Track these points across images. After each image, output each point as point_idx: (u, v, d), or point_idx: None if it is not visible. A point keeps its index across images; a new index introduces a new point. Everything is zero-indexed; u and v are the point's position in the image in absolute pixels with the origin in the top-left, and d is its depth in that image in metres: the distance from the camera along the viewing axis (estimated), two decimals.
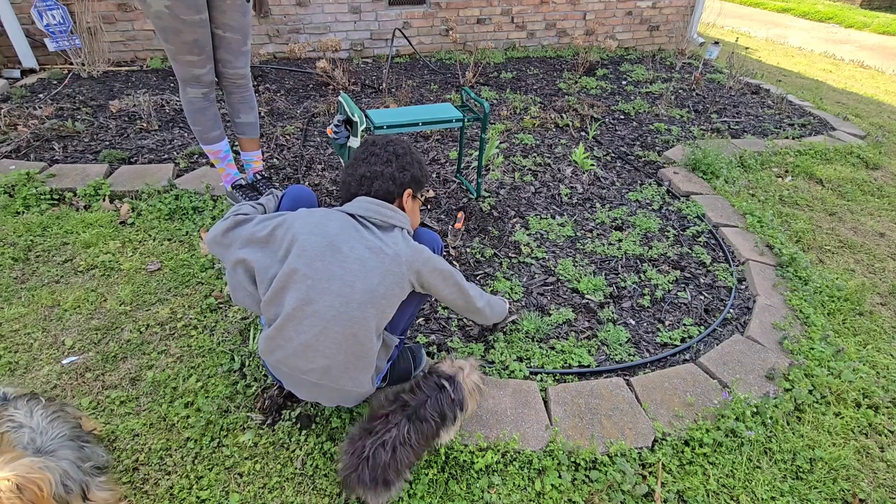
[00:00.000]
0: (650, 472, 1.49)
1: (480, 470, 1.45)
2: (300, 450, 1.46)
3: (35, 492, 0.93)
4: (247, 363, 1.70)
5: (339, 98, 2.28)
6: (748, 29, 8.70)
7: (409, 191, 1.44)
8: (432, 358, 1.78)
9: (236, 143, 2.70)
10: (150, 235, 2.28)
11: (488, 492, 1.40)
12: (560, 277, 2.24)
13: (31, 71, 3.94)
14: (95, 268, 2.07)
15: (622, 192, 2.95)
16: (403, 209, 1.44)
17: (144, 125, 3.18)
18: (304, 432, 1.50)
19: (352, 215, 1.34)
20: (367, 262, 1.26)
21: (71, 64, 3.96)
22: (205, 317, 1.89)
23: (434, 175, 2.97)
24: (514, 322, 1.94)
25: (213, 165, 2.73)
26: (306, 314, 1.23)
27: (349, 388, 1.34)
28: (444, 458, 1.45)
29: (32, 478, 0.93)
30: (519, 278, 2.22)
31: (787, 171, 3.34)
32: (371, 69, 4.56)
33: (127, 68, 4.11)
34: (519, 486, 1.43)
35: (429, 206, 2.68)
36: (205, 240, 1.56)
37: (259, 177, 2.46)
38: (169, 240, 2.27)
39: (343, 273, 1.24)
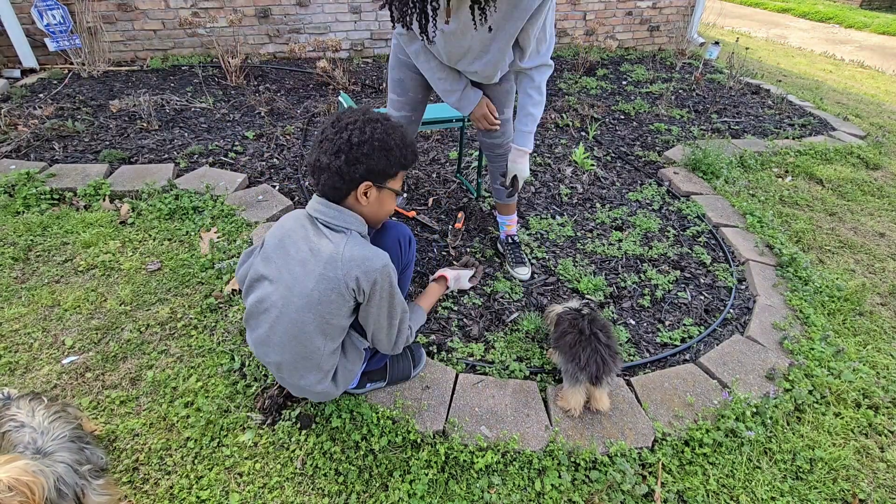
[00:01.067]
0: (650, 473, 1.49)
1: (480, 470, 1.45)
2: (300, 450, 1.46)
3: (27, 494, 0.93)
4: (247, 363, 1.70)
5: (339, 98, 2.28)
6: (748, 29, 8.70)
7: (365, 184, 1.25)
8: (432, 358, 1.78)
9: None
10: (150, 235, 2.28)
11: (488, 492, 1.40)
12: (560, 277, 2.24)
13: (32, 71, 3.94)
14: (95, 267, 2.07)
15: (622, 192, 2.95)
16: (360, 202, 1.28)
17: (144, 125, 3.18)
18: (304, 432, 1.50)
19: (309, 214, 1.30)
20: (307, 263, 1.23)
21: (71, 64, 3.96)
22: (205, 317, 1.89)
23: (434, 175, 2.97)
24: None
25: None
26: (259, 311, 1.32)
27: (303, 386, 1.36)
28: (444, 457, 1.45)
29: (25, 480, 0.93)
30: (513, 278, 2.22)
31: (787, 172, 3.34)
32: (371, 69, 4.56)
33: (127, 68, 4.11)
34: (519, 486, 1.43)
35: (429, 206, 2.68)
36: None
37: (511, 240, 2.30)
38: (169, 240, 2.27)
39: (286, 276, 1.26)
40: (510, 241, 2.29)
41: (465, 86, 1.85)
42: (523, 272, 2.20)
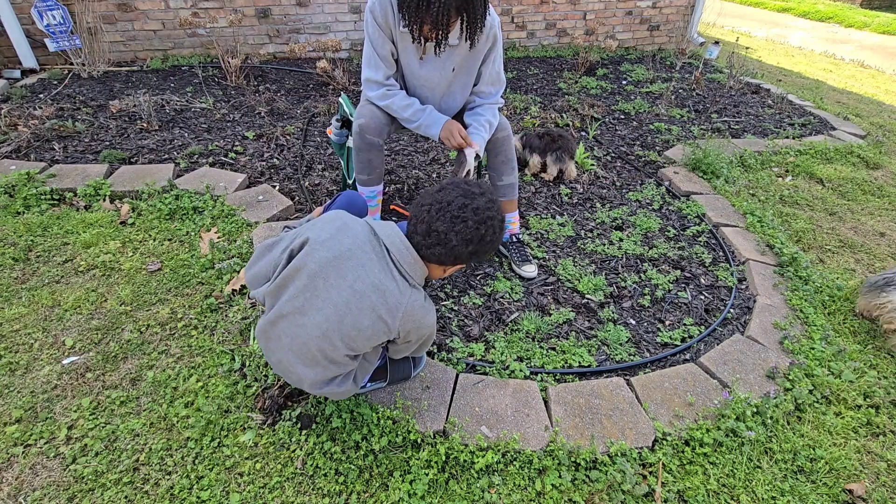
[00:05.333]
0: (650, 472, 1.49)
1: (481, 470, 1.45)
2: (300, 450, 1.46)
3: None
4: (247, 363, 1.70)
5: (340, 99, 2.28)
6: (748, 29, 8.70)
7: (462, 266, 1.32)
8: (432, 358, 1.78)
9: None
10: (150, 235, 2.28)
11: (488, 491, 1.40)
12: (560, 277, 2.24)
13: (32, 71, 3.94)
14: (96, 268, 2.07)
15: (622, 192, 2.95)
16: (444, 271, 1.33)
17: (144, 125, 3.18)
18: (304, 432, 1.50)
19: (375, 234, 1.25)
20: (365, 299, 1.19)
21: (71, 64, 3.96)
22: (205, 317, 1.89)
23: (434, 175, 2.97)
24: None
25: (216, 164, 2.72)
26: (296, 323, 1.25)
27: (324, 390, 1.35)
28: (444, 457, 1.45)
29: None
30: (519, 278, 2.22)
31: (787, 171, 3.34)
32: None
33: (127, 68, 4.11)
34: (519, 485, 1.43)
35: None
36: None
37: (514, 239, 2.31)
38: (169, 240, 2.27)
39: (339, 300, 1.19)
40: (514, 239, 2.29)
41: (429, 110, 2.00)
42: (530, 270, 2.20)
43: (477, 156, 1.96)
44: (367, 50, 1.93)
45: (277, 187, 2.70)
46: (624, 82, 4.69)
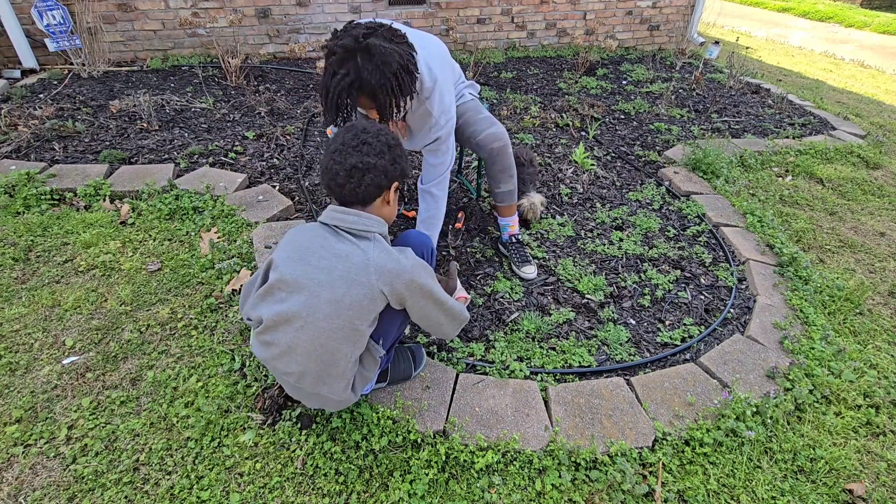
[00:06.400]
0: (650, 472, 1.49)
1: (481, 470, 1.45)
2: (300, 450, 1.47)
3: None
4: (247, 363, 1.70)
5: None
6: (748, 28, 8.70)
7: (396, 184, 1.35)
8: (432, 358, 1.78)
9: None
10: (150, 235, 2.28)
11: (488, 491, 1.40)
12: (560, 277, 2.24)
13: (32, 71, 3.94)
14: (96, 268, 2.07)
15: (622, 192, 2.95)
16: (388, 202, 1.36)
17: (144, 125, 3.18)
18: (304, 432, 1.50)
19: (324, 224, 1.31)
20: (334, 270, 1.22)
21: (71, 64, 3.96)
22: (205, 317, 1.89)
23: None
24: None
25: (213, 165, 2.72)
26: (280, 321, 1.27)
27: (325, 395, 1.34)
28: (444, 457, 1.45)
29: None
30: (519, 278, 2.22)
31: (787, 171, 3.34)
32: None
33: (127, 68, 4.11)
34: (519, 485, 1.43)
35: None
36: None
37: (514, 240, 2.31)
38: (169, 240, 2.27)
39: (309, 283, 1.23)
40: (514, 240, 2.29)
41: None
42: (530, 271, 2.20)
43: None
44: None
45: (277, 187, 2.70)
46: (624, 82, 4.69)
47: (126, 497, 1.33)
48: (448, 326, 1.43)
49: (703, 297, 2.22)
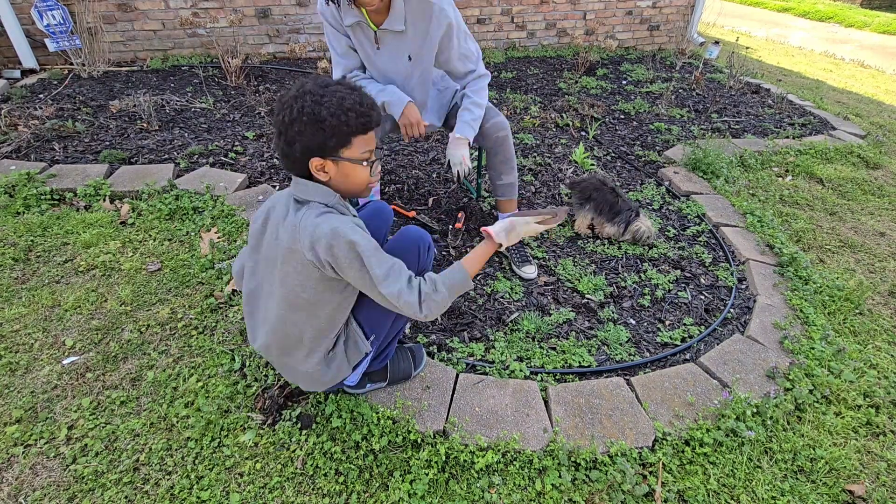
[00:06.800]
0: (650, 472, 1.49)
1: (481, 470, 1.45)
2: (300, 450, 1.47)
3: None
4: (247, 363, 1.70)
5: None
6: (748, 28, 8.70)
7: (315, 160, 1.19)
8: (432, 358, 1.78)
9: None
10: (150, 235, 2.28)
11: (489, 491, 1.40)
12: (560, 277, 2.24)
13: (32, 71, 3.94)
14: (96, 268, 2.07)
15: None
16: (320, 177, 1.23)
17: (144, 125, 3.18)
18: (304, 432, 1.50)
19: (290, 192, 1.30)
20: (281, 242, 1.24)
21: (71, 64, 3.96)
22: (205, 317, 1.89)
23: (434, 175, 2.97)
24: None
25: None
26: (253, 296, 1.38)
27: (289, 364, 1.38)
28: (444, 457, 1.45)
29: None
30: (519, 278, 2.22)
31: (787, 171, 3.34)
32: None
33: (127, 68, 4.11)
34: (519, 485, 1.43)
35: (429, 206, 2.68)
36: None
37: None
38: (169, 240, 2.27)
39: (266, 255, 1.32)
40: None
41: (391, 89, 1.96)
42: (530, 271, 2.20)
43: (470, 150, 1.95)
44: (331, 52, 1.98)
45: (277, 187, 2.70)
46: (624, 82, 4.69)
47: (126, 497, 1.33)
48: (389, 303, 1.22)
49: (703, 297, 2.22)
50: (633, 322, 2.05)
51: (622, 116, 3.97)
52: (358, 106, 1.17)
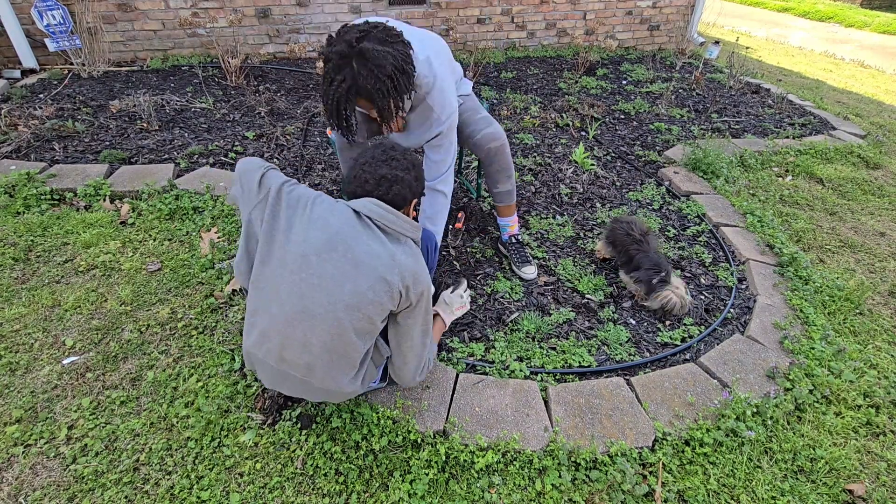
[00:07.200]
0: (650, 472, 1.49)
1: (481, 470, 1.45)
2: (300, 450, 1.47)
3: None
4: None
5: None
6: (748, 28, 8.70)
7: (416, 200, 1.45)
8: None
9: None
10: (150, 235, 2.28)
11: (489, 491, 1.40)
12: (560, 277, 2.24)
13: (32, 71, 3.94)
14: (96, 268, 2.07)
15: (622, 192, 2.95)
16: (410, 214, 1.46)
17: (144, 125, 3.18)
18: (304, 432, 1.50)
19: (356, 213, 1.30)
20: (361, 264, 1.24)
21: (71, 64, 3.96)
22: (205, 317, 1.89)
23: None
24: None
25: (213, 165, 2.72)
26: (296, 309, 1.24)
27: (331, 388, 1.34)
28: (444, 457, 1.45)
29: None
30: (519, 278, 2.22)
31: (787, 171, 3.34)
32: None
33: (127, 68, 4.11)
34: (519, 485, 1.43)
35: None
36: (238, 169, 1.57)
37: (514, 240, 2.30)
38: (169, 240, 2.27)
39: (335, 272, 1.23)
40: (514, 240, 2.28)
41: None
42: (530, 271, 2.20)
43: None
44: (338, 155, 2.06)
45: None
46: (624, 82, 4.69)
47: (126, 497, 1.33)
48: (414, 363, 1.43)
49: (703, 296, 2.22)
50: (633, 322, 2.05)
51: (622, 116, 3.97)
52: None
